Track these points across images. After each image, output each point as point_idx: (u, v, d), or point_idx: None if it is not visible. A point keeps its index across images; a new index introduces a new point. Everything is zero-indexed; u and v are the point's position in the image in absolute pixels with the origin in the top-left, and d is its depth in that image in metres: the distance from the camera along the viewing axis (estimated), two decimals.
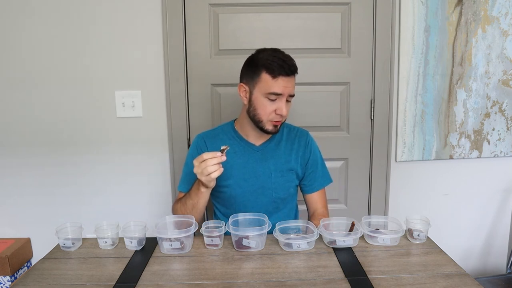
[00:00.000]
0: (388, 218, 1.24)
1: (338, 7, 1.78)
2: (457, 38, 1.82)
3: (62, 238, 1.17)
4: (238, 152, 1.37)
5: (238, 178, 1.36)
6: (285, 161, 1.39)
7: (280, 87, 1.25)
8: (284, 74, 1.24)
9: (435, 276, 1.00)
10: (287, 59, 1.26)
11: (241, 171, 1.36)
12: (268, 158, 1.38)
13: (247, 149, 1.38)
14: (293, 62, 1.27)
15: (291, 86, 1.27)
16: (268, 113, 1.28)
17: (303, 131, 1.46)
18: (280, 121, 1.30)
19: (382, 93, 1.84)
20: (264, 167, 1.37)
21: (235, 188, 1.36)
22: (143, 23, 1.75)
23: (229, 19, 1.77)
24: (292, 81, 1.27)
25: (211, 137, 1.41)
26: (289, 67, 1.25)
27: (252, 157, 1.37)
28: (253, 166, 1.37)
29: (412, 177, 1.95)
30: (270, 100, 1.27)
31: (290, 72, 1.26)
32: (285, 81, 1.25)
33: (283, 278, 0.99)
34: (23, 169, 1.87)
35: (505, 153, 1.96)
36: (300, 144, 1.42)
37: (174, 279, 1.00)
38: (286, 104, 1.28)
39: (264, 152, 1.38)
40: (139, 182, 1.89)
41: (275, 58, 1.25)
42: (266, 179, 1.37)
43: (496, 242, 2.06)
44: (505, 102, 1.90)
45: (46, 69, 1.78)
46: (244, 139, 1.39)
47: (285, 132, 1.43)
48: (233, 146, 1.35)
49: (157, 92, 1.81)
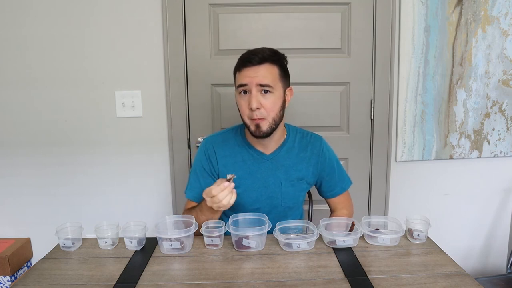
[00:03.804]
0: (388, 218, 1.24)
1: (338, 7, 1.78)
2: (457, 38, 1.82)
3: (62, 238, 1.17)
4: (247, 161, 1.32)
5: (247, 187, 1.32)
6: (296, 170, 1.34)
7: (244, 77, 1.20)
8: (245, 65, 1.20)
9: (435, 276, 1.00)
10: (252, 52, 1.21)
11: (250, 180, 1.32)
12: (279, 167, 1.33)
13: (257, 158, 1.33)
14: (256, 54, 1.19)
15: (259, 75, 1.18)
16: (244, 111, 1.23)
17: (317, 137, 1.39)
18: (258, 117, 1.20)
19: (382, 93, 1.84)
20: (274, 177, 1.32)
21: (243, 197, 1.32)
22: (143, 23, 1.75)
23: (229, 19, 1.77)
24: (258, 70, 1.19)
25: (220, 143, 1.35)
26: (249, 57, 1.19)
27: (262, 167, 1.32)
28: (263, 175, 1.32)
29: (412, 177, 1.95)
30: (242, 96, 1.23)
31: (254, 61, 1.19)
32: (250, 71, 1.19)
33: (283, 278, 0.99)
34: (23, 169, 1.87)
35: (505, 153, 1.96)
36: (313, 152, 1.35)
37: (174, 279, 1.00)
38: (262, 96, 1.20)
39: (274, 161, 1.33)
40: (139, 182, 1.89)
41: (242, 54, 1.22)
42: (276, 189, 1.33)
43: (496, 242, 2.06)
44: (505, 102, 1.90)
45: (46, 69, 1.78)
46: (253, 147, 1.33)
47: (297, 139, 1.36)
48: (242, 154, 1.33)
49: (157, 92, 1.81)
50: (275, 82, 1.21)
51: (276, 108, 1.23)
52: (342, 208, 1.42)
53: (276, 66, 1.23)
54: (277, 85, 1.22)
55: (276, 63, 1.23)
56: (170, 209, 1.91)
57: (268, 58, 1.20)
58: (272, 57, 1.21)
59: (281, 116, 1.27)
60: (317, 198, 1.52)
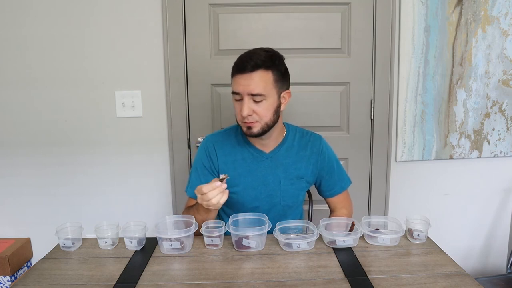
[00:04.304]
0: (388, 218, 1.24)
1: (338, 7, 1.78)
2: (457, 38, 1.82)
3: (62, 238, 1.17)
4: (247, 159, 1.33)
5: (246, 185, 1.33)
6: (295, 168, 1.34)
7: (236, 86, 1.20)
8: (239, 71, 1.19)
9: (435, 276, 1.00)
10: (247, 57, 1.19)
11: (250, 178, 1.33)
12: (278, 166, 1.33)
13: (256, 157, 1.33)
14: (250, 59, 1.17)
15: (251, 84, 1.17)
16: (237, 114, 1.24)
17: (316, 136, 1.39)
18: (248, 122, 1.22)
19: (382, 93, 1.84)
20: (274, 175, 1.33)
21: (243, 196, 1.33)
22: (143, 23, 1.75)
23: (229, 19, 1.77)
24: (251, 78, 1.17)
25: (220, 142, 1.36)
26: (243, 64, 1.18)
27: (262, 165, 1.33)
28: (262, 174, 1.33)
29: (412, 177, 1.95)
30: (236, 101, 1.24)
31: (244, 69, 1.17)
32: (242, 79, 1.18)
33: (283, 278, 0.99)
34: (23, 169, 1.87)
35: (505, 153, 1.96)
36: (313, 151, 1.36)
37: (174, 279, 1.00)
38: (254, 103, 1.20)
39: (274, 159, 1.33)
40: (139, 182, 1.89)
41: (239, 57, 1.21)
42: (275, 187, 1.34)
43: (496, 242, 2.06)
44: (505, 102, 1.90)
45: (46, 69, 1.78)
46: (253, 146, 1.34)
47: (296, 138, 1.37)
48: (242, 153, 1.33)
49: (157, 92, 1.81)
50: (268, 89, 1.20)
51: (269, 113, 1.22)
52: (342, 207, 1.42)
53: (271, 71, 1.20)
54: (270, 91, 1.21)
55: (271, 68, 1.20)
56: (170, 209, 1.91)
57: (262, 64, 1.18)
58: (266, 63, 1.18)
59: (275, 119, 1.26)
60: (317, 198, 1.52)
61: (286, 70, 1.27)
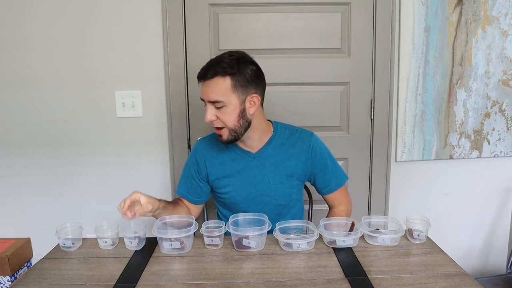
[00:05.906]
0: (388, 218, 1.24)
1: (338, 7, 1.78)
2: (457, 38, 1.82)
3: (62, 238, 1.17)
4: (235, 160, 1.34)
5: (236, 186, 1.34)
6: (285, 167, 1.33)
7: (201, 93, 1.23)
8: (199, 79, 1.21)
9: (435, 276, 1.00)
10: (208, 64, 1.21)
11: (239, 179, 1.34)
12: (266, 165, 1.33)
13: (244, 157, 1.34)
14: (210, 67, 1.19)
15: (209, 92, 1.19)
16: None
17: (307, 133, 1.37)
18: (216, 127, 1.25)
19: (382, 93, 1.84)
20: (262, 175, 1.33)
21: (234, 196, 1.35)
22: (143, 23, 1.75)
23: (229, 19, 1.77)
24: (209, 86, 1.19)
25: (209, 145, 1.39)
26: (203, 71, 1.20)
27: (249, 165, 1.33)
28: (251, 174, 1.33)
29: (412, 177, 1.95)
30: (204, 106, 1.25)
31: (203, 77, 1.20)
32: (203, 86, 1.21)
33: (283, 278, 0.99)
34: (23, 169, 1.87)
35: (505, 153, 1.96)
36: (303, 149, 1.34)
37: (174, 279, 1.00)
38: (217, 110, 1.21)
39: (261, 158, 1.33)
40: (139, 182, 1.89)
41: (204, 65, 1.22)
42: (265, 187, 1.34)
43: (496, 242, 2.06)
44: (505, 102, 1.90)
45: (46, 69, 1.78)
46: (238, 146, 1.34)
47: (285, 136, 1.36)
48: (230, 154, 1.35)
49: (157, 92, 1.81)
50: (226, 95, 1.19)
51: (232, 118, 1.22)
52: (340, 204, 1.42)
53: (229, 77, 1.18)
54: (230, 97, 1.19)
55: (230, 75, 1.18)
56: None
57: (221, 71, 1.17)
58: (225, 70, 1.17)
59: (243, 123, 1.24)
60: (317, 198, 1.52)
61: (255, 73, 1.23)
